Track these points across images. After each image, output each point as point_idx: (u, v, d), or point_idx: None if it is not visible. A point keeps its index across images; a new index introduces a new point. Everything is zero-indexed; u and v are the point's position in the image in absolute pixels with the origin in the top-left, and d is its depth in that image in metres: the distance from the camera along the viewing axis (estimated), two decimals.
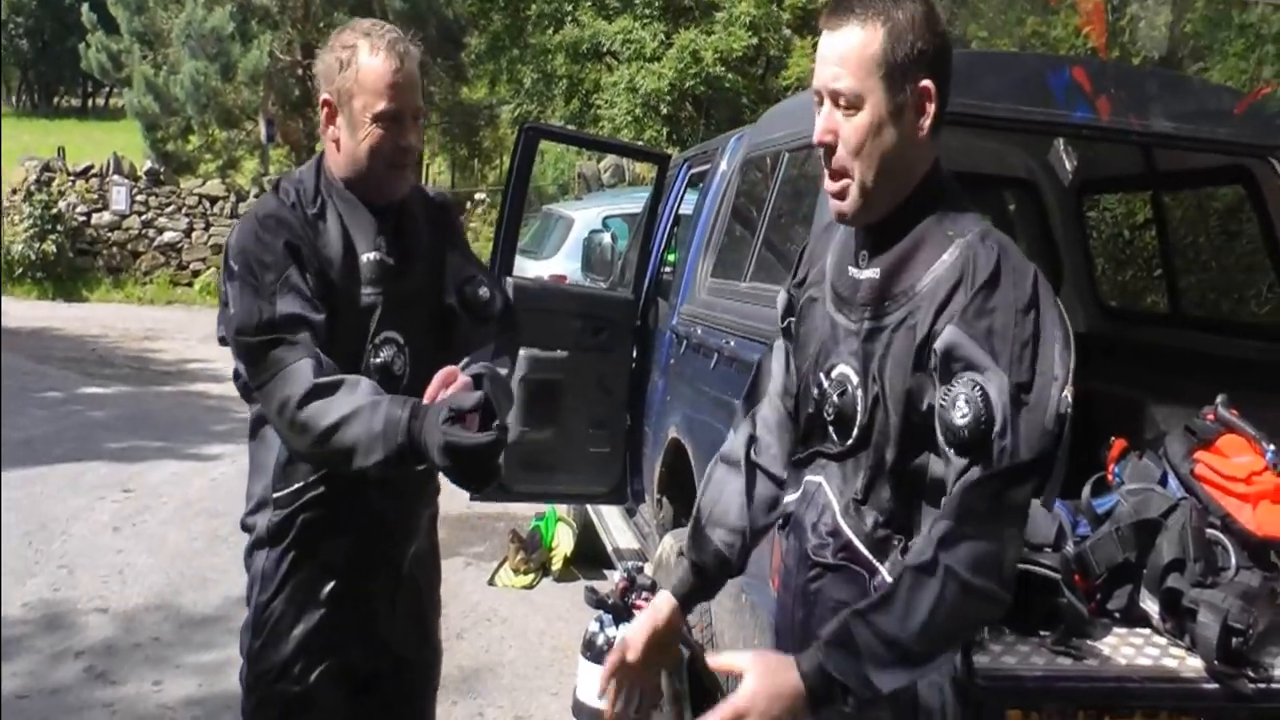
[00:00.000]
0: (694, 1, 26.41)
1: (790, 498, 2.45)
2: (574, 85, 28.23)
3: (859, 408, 2.25)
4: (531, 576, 7.59)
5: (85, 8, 26.87)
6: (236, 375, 2.97)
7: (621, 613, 4.50)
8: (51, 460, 9.94)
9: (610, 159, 24.84)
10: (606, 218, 12.89)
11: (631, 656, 2.45)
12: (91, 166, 24.68)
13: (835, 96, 2.20)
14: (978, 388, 2.05)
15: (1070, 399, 2.06)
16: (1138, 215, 8.71)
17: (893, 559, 2.22)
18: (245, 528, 3.11)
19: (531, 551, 7.63)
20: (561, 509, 7.86)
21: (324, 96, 2.96)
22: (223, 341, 2.91)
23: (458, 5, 26.94)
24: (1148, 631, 3.75)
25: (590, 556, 7.69)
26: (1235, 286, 7.98)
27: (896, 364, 2.18)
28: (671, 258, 7.15)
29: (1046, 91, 4.22)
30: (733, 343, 4.70)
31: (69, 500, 8.89)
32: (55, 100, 56.93)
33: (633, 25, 26.13)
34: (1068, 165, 4.09)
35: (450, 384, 2.75)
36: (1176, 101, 4.42)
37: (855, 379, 2.26)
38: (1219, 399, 4.16)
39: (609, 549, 6.86)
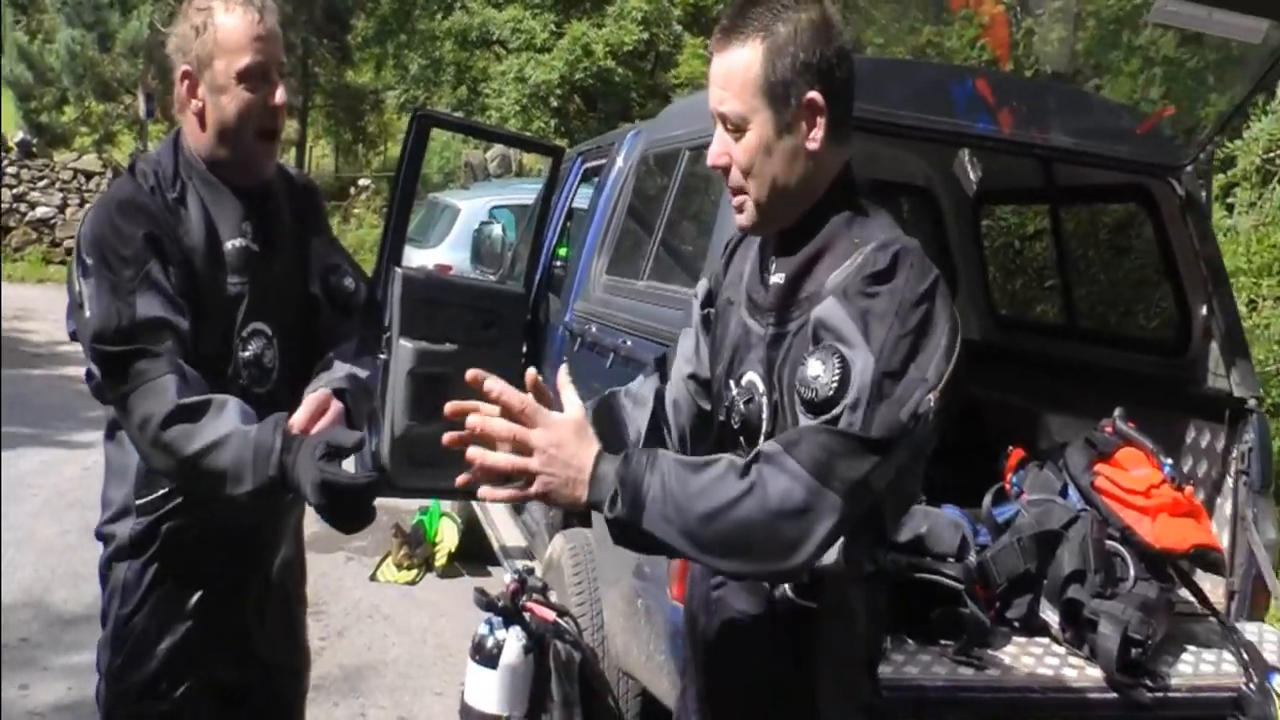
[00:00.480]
0: None
1: None
2: (461, 73, 28.07)
3: (764, 415, 2.21)
4: (415, 572, 7.46)
5: None
6: (89, 375, 2.77)
7: (512, 615, 4.41)
8: None
9: (497, 149, 24.67)
10: (494, 208, 12.71)
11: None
12: None
13: (723, 119, 2.19)
14: (838, 355, 2.00)
15: (934, 405, 2.00)
16: (1028, 226, 8.81)
17: None
18: (102, 537, 2.95)
19: (415, 546, 7.51)
20: (445, 504, 7.73)
21: (182, 68, 2.78)
22: (73, 337, 2.72)
23: None
24: (1047, 641, 3.79)
25: (475, 552, 7.57)
26: (1123, 301, 8.08)
27: (795, 369, 2.13)
28: (563, 252, 7.07)
29: (949, 101, 4.22)
30: (629, 342, 4.65)
31: None
32: None
33: (523, 15, 26.08)
34: (972, 176, 4.08)
35: (323, 412, 2.66)
36: (1078, 117, 4.44)
37: (761, 386, 2.23)
38: (1116, 412, 4.19)
39: (495, 546, 6.76)
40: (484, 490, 2.04)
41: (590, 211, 6.09)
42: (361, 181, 27.80)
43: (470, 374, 2.07)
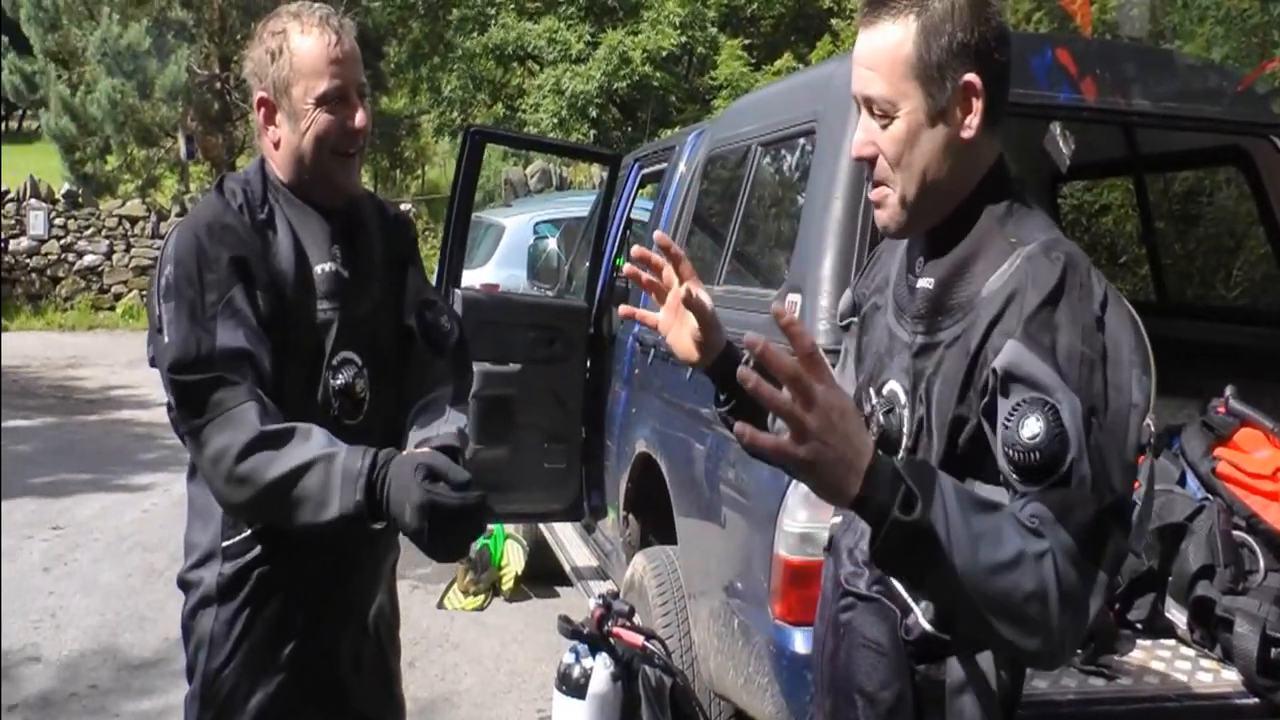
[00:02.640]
0: (618, 2, 26.32)
1: (834, 519, 2.24)
2: (497, 89, 28.10)
3: (904, 430, 2.01)
4: (482, 597, 7.34)
5: None
6: (170, 407, 2.61)
7: (598, 642, 4.24)
8: None
9: (537, 164, 24.68)
10: (538, 223, 12.64)
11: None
12: (7, 192, 24.11)
13: (868, 104, 2.00)
14: (1049, 407, 1.76)
15: (1152, 429, 1.78)
16: (1097, 201, 8.59)
17: (927, 602, 1.98)
18: (185, 585, 2.77)
19: (481, 571, 7.38)
20: (509, 526, 7.59)
21: (258, 95, 2.66)
22: (153, 363, 2.56)
23: (376, 14, 26.64)
24: (1173, 643, 3.62)
25: (541, 575, 7.47)
26: (1198, 271, 7.87)
27: (946, 385, 1.94)
28: (620, 262, 6.90)
29: (1029, 72, 4.00)
30: None
31: None
32: None
33: (558, 26, 26.11)
34: (1064, 149, 3.87)
35: None
36: (1164, 80, 4.27)
37: (903, 398, 2.02)
38: (1228, 390, 3.98)
39: (566, 567, 6.69)
40: (740, 426, 1.63)
41: (654, 217, 5.93)
42: (402, 206, 27.81)
43: (748, 337, 1.66)
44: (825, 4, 26.01)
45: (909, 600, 2.01)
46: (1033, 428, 1.75)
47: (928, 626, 1.98)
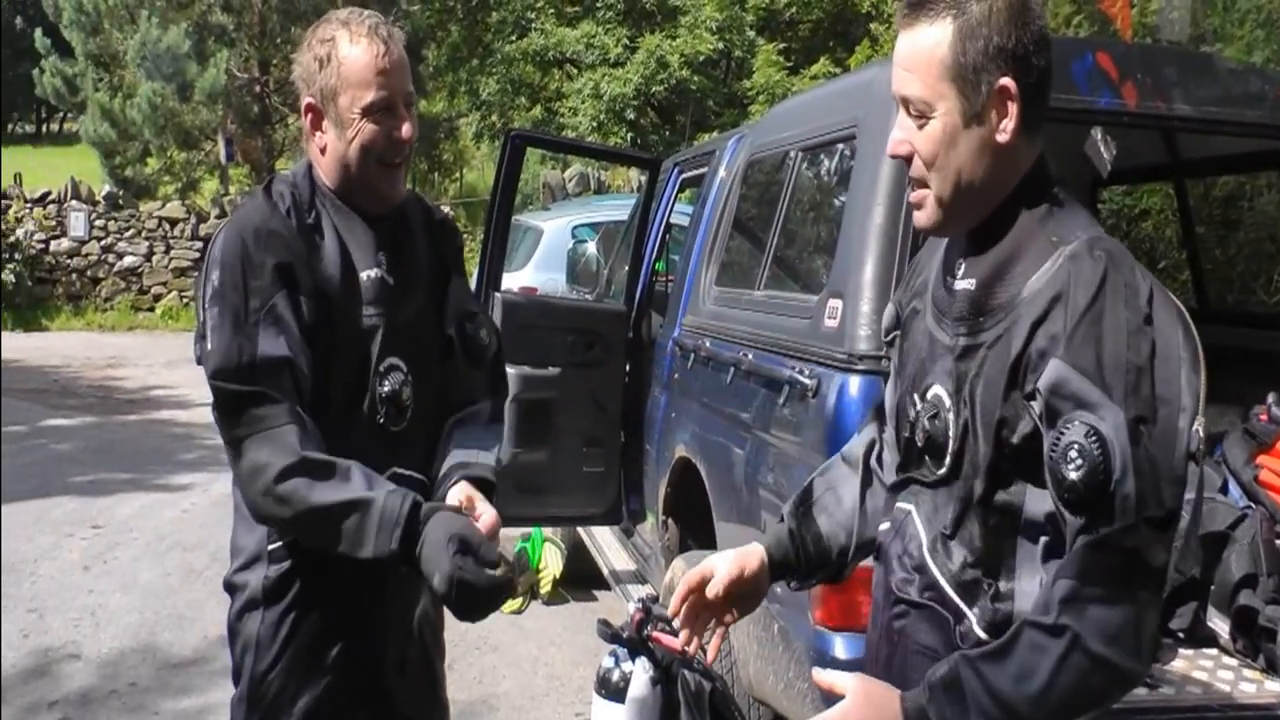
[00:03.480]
0: (656, 6, 26.31)
1: (883, 526, 2.22)
2: (535, 93, 28.13)
3: (950, 433, 2.00)
4: (520, 600, 7.31)
5: (38, 32, 26.48)
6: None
7: (638, 646, 4.23)
8: (16, 497, 9.56)
9: (575, 167, 24.70)
10: (576, 227, 12.68)
11: (712, 592, 2.31)
12: (49, 193, 24.39)
13: (905, 103, 2.02)
14: (1092, 433, 1.77)
15: (1201, 434, 1.78)
16: (1136, 206, 8.54)
17: (981, 605, 1.99)
18: (232, 587, 2.78)
19: (519, 574, 7.36)
20: (548, 529, 7.59)
21: (306, 101, 2.67)
22: (198, 362, 2.59)
23: (415, 18, 26.70)
24: (1215, 652, 3.58)
25: (580, 578, 7.45)
26: (1238, 276, 7.81)
27: (988, 386, 1.94)
28: (660, 266, 6.90)
29: (1069, 77, 3.98)
30: (750, 355, 4.43)
31: (36, 539, 8.56)
32: (9, 127, 56.33)
33: (596, 30, 26.11)
34: (1106, 155, 3.84)
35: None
36: (1205, 84, 4.22)
37: (948, 401, 2.02)
38: (1270, 397, 3.95)
39: (604, 571, 6.68)
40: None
41: (694, 222, 5.93)
42: (444, 209, 27.87)
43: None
44: (864, 8, 25.96)
45: (962, 606, 2.01)
46: (1075, 461, 1.78)
47: (982, 634, 1.98)
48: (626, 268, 6.65)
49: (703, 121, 25.35)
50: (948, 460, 2.01)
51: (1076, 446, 1.78)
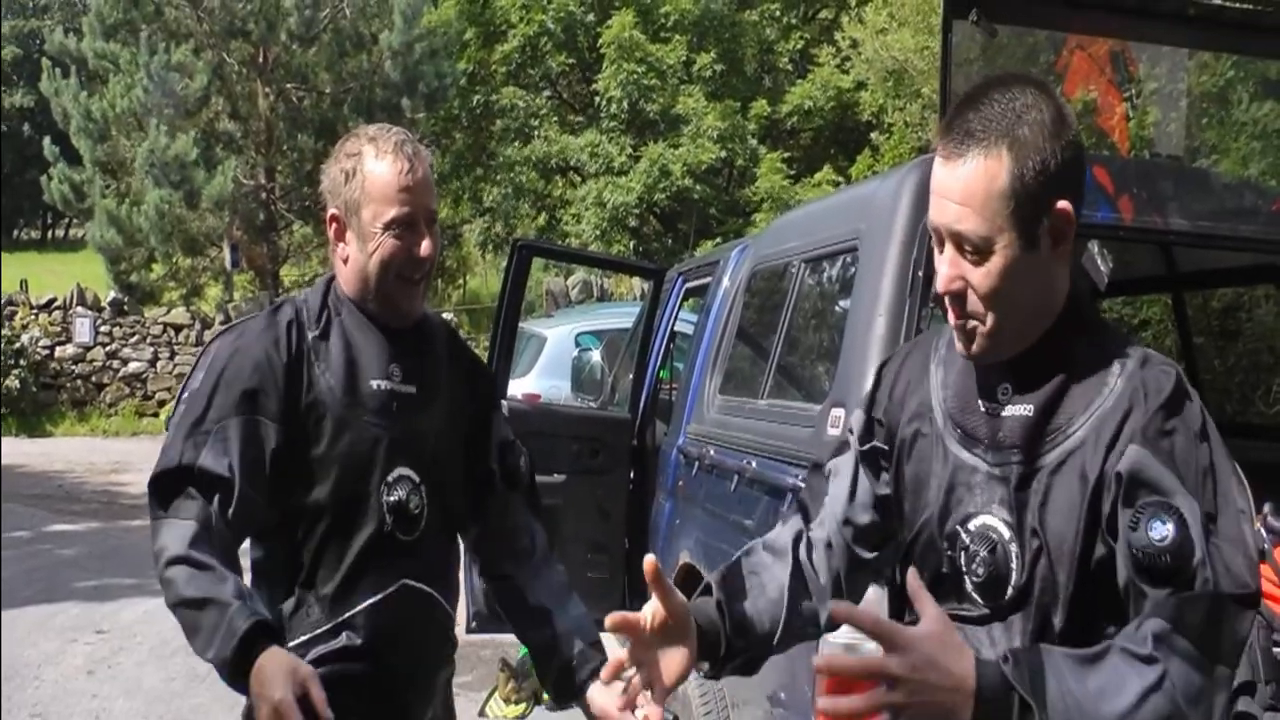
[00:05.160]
0: (659, 115, 26.59)
1: None
2: (539, 199, 28.35)
3: (1013, 565, 1.96)
4: (524, 706, 7.22)
5: (47, 140, 26.71)
6: None
7: None
8: (21, 602, 9.59)
9: (578, 275, 24.85)
10: (579, 334, 12.75)
11: (645, 616, 2.11)
12: (54, 299, 24.48)
13: (958, 241, 1.94)
14: (1173, 510, 1.80)
15: (1264, 534, 1.84)
16: (1135, 316, 8.61)
17: None
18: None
19: (522, 680, 7.29)
20: None
21: (331, 212, 2.75)
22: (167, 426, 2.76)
23: (421, 126, 26.97)
24: None
25: None
26: (1236, 387, 7.85)
27: (1061, 513, 1.92)
28: (664, 375, 6.96)
29: None
30: (754, 464, 4.47)
31: (40, 644, 8.58)
32: (15, 233, 56.67)
33: (599, 139, 26.34)
34: (1103, 268, 3.90)
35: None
36: (1201, 198, 4.26)
37: (1007, 532, 1.97)
38: (1266, 507, 3.95)
39: None
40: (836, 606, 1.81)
41: (699, 331, 5.99)
42: (445, 315, 27.96)
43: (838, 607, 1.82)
44: (864, 118, 26.26)
45: None
46: (1160, 530, 1.79)
47: None
48: (631, 375, 6.71)
49: (705, 229, 25.54)
50: (1009, 593, 1.97)
51: (1161, 518, 1.79)
